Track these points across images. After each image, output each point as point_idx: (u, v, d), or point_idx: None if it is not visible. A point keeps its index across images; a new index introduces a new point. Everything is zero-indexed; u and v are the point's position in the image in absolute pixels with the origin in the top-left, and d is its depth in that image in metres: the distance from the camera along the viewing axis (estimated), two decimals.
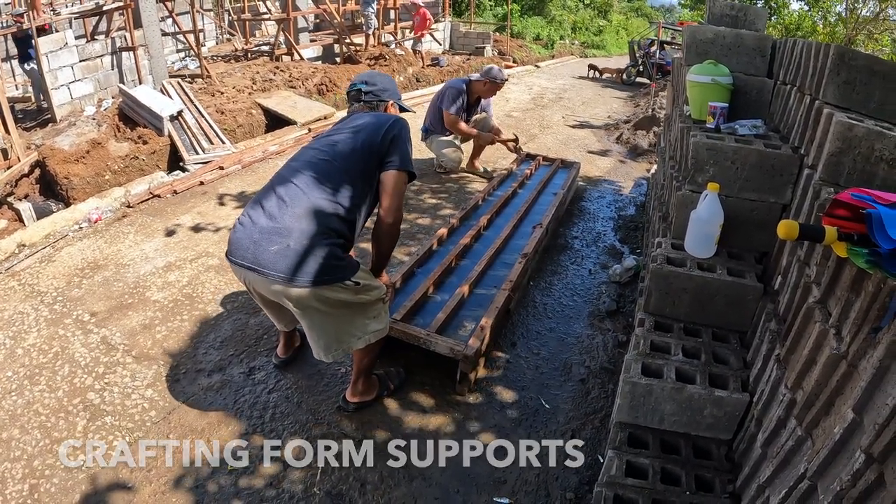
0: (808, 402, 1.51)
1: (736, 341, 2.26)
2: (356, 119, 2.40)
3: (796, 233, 1.45)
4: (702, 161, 2.38)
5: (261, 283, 2.11)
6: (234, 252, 2.12)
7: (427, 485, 2.26)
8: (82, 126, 6.74)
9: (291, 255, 2.01)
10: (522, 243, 3.76)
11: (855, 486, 1.19)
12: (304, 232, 2.04)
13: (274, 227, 2.06)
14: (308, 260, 2.02)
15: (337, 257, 2.10)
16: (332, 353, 2.27)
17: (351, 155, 2.23)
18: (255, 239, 2.06)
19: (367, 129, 2.29)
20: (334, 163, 2.21)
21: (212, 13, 14.40)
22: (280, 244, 2.03)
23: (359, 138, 2.26)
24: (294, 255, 2.02)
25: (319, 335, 2.24)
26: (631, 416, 2.08)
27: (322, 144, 2.32)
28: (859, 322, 1.37)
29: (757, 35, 2.89)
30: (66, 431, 2.44)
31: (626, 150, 7.38)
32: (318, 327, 2.22)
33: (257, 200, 2.18)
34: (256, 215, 2.12)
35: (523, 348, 3.10)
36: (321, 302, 2.11)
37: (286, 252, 2.02)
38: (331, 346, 2.26)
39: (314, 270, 2.03)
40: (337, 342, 2.26)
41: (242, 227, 2.12)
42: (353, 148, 2.24)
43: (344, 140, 2.28)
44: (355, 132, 2.29)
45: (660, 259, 2.35)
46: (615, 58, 20.34)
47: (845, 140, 1.81)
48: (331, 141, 2.31)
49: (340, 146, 2.26)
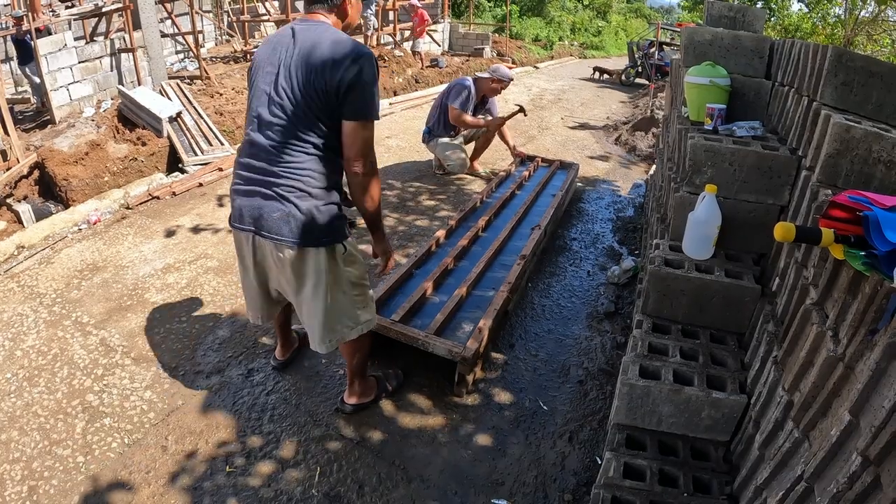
0: (805, 403, 1.51)
1: (734, 343, 2.26)
2: (304, 39, 1.98)
3: (793, 235, 1.45)
4: (700, 162, 2.38)
5: (268, 248, 2.10)
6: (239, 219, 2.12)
7: (425, 486, 2.26)
8: (81, 127, 6.73)
9: (292, 220, 2.00)
10: (521, 245, 3.76)
11: (851, 488, 1.19)
12: (296, 195, 2.01)
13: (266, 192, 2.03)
14: (306, 224, 2.01)
15: (330, 218, 2.06)
16: (326, 342, 2.23)
17: (305, 117, 1.96)
18: (256, 207, 2.05)
19: (318, 68, 1.92)
20: (290, 127, 1.98)
21: (211, 14, 14.40)
22: (279, 210, 2.01)
23: (309, 85, 1.92)
24: (293, 220, 2.00)
25: (313, 316, 2.19)
26: (629, 417, 2.08)
27: (273, 102, 1.98)
28: (856, 324, 1.37)
29: (755, 36, 2.89)
30: (65, 433, 2.45)
31: (625, 151, 7.39)
32: (310, 304, 2.17)
33: (241, 171, 2.12)
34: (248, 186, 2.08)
35: (521, 350, 3.10)
36: (315, 265, 2.09)
37: (288, 217, 2.00)
38: (325, 335, 2.22)
39: (310, 232, 2.02)
40: (330, 330, 2.21)
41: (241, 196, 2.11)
42: (305, 106, 1.95)
43: (291, 92, 1.95)
44: (306, 73, 1.93)
45: (658, 261, 2.35)
46: (614, 59, 20.35)
47: (843, 142, 1.81)
48: (279, 96, 1.97)
49: (287, 104, 1.96)
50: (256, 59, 2.10)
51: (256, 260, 2.20)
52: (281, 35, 2.06)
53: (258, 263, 2.21)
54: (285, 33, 2.05)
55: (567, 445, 2.49)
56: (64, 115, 8.14)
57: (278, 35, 2.09)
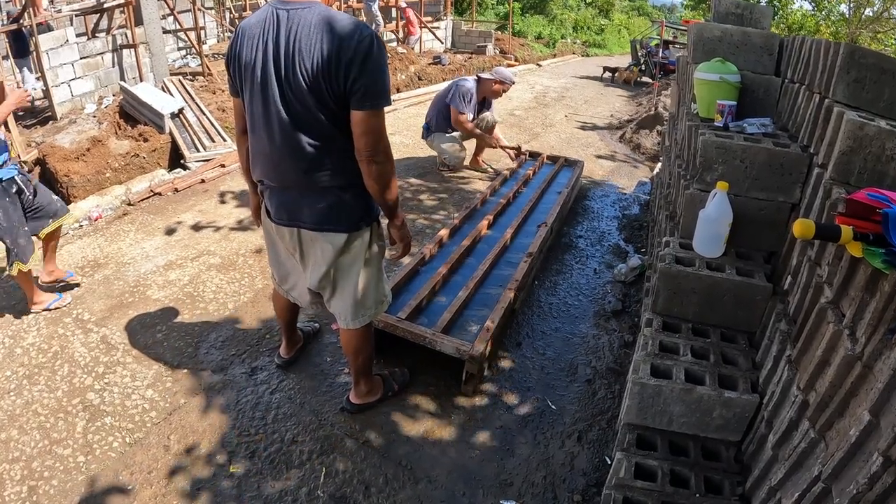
0: (821, 403, 1.49)
1: (745, 342, 2.24)
2: (295, 24, 1.78)
3: (812, 232, 1.43)
4: (710, 160, 2.35)
5: (313, 239, 2.11)
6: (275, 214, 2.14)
7: (432, 487, 2.23)
8: (83, 124, 6.70)
9: (334, 207, 2.02)
10: (527, 242, 3.74)
11: (872, 489, 1.17)
12: (328, 186, 1.99)
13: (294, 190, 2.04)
14: (331, 210, 2.03)
15: (349, 205, 2.05)
16: (359, 316, 2.26)
17: (316, 109, 1.84)
18: (293, 201, 2.06)
19: (318, 54, 1.75)
20: (301, 123, 1.87)
21: (213, 11, 14.37)
22: (319, 203, 2.02)
23: (312, 73, 1.77)
24: (335, 207, 2.02)
25: (349, 296, 2.22)
26: (639, 417, 2.05)
27: (280, 98, 1.85)
28: (875, 323, 1.35)
29: (764, 33, 2.86)
30: (66, 432, 2.42)
31: (630, 149, 7.36)
32: (347, 280, 2.20)
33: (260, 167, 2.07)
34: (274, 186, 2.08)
35: (528, 348, 3.07)
36: (354, 247, 2.13)
37: (329, 207, 2.02)
38: (357, 311, 2.25)
39: (338, 218, 2.05)
40: (362, 306, 2.25)
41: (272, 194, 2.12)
42: (314, 99, 1.82)
43: (297, 86, 1.81)
44: (309, 59, 1.76)
45: (668, 258, 2.32)
46: (616, 57, 20.30)
47: (856, 139, 1.79)
48: (284, 93, 1.83)
49: (294, 100, 1.83)
50: (239, 56, 1.90)
51: (303, 251, 2.18)
52: (263, 23, 1.83)
53: (304, 254, 2.20)
54: (268, 21, 1.82)
55: (576, 445, 2.46)
56: (65, 112, 8.10)
57: (258, 23, 1.85)
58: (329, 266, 2.14)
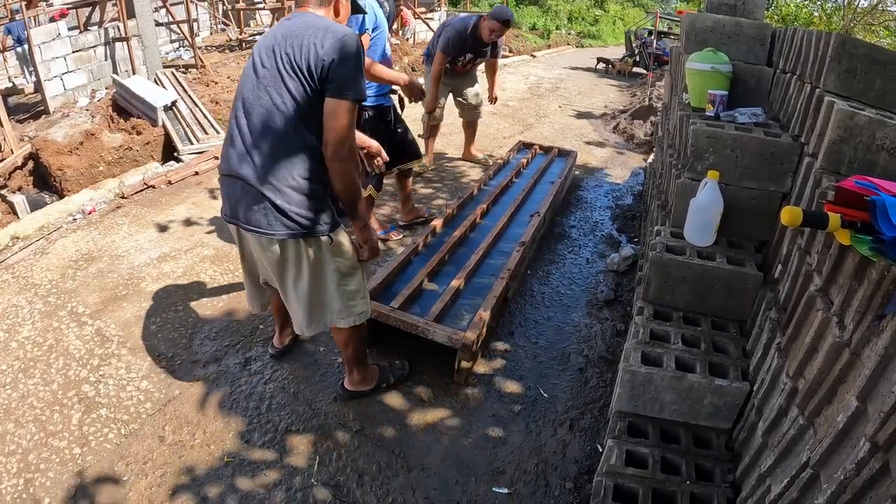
0: (810, 390, 1.50)
1: (735, 330, 2.25)
2: (288, 26, 1.98)
3: (800, 219, 1.44)
4: (701, 149, 2.36)
5: (251, 239, 2.11)
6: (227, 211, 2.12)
7: (425, 475, 2.25)
8: (76, 117, 6.68)
9: (269, 209, 1.96)
10: (520, 232, 3.74)
11: (859, 474, 1.18)
12: (275, 185, 1.96)
13: (251, 184, 1.98)
14: (285, 212, 1.97)
15: (311, 208, 2.00)
16: (307, 328, 2.22)
17: (283, 104, 1.92)
18: (237, 198, 2.02)
19: (306, 45, 1.89)
20: (282, 113, 1.94)
21: (206, 3, 14.28)
22: (259, 201, 1.97)
23: (296, 60, 1.90)
24: (271, 209, 1.96)
25: (297, 305, 2.17)
26: (630, 405, 2.07)
27: (256, 87, 1.97)
28: (862, 310, 1.36)
29: (756, 23, 2.86)
30: (61, 424, 2.42)
31: (623, 139, 7.36)
32: (293, 294, 2.16)
33: (229, 156, 2.06)
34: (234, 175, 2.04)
35: (521, 337, 3.09)
36: (296, 257, 2.07)
37: (265, 208, 1.96)
38: (307, 323, 2.20)
39: (291, 221, 1.98)
40: (314, 319, 2.20)
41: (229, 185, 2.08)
42: (283, 92, 1.92)
43: (270, 79, 1.94)
44: (299, 50, 1.90)
45: (659, 247, 2.34)
46: (611, 48, 20.26)
47: (847, 129, 1.80)
48: (272, 89, 1.94)
49: (264, 93, 1.94)
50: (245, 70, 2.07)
51: (244, 250, 2.22)
52: (269, 34, 2.04)
53: (246, 254, 2.24)
54: (278, 25, 2.05)
55: (568, 433, 2.48)
56: (58, 106, 8.07)
57: (269, 34, 2.05)
58: (271, 269, 2.15)
